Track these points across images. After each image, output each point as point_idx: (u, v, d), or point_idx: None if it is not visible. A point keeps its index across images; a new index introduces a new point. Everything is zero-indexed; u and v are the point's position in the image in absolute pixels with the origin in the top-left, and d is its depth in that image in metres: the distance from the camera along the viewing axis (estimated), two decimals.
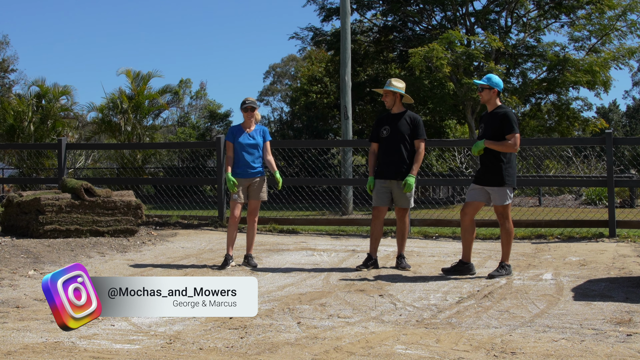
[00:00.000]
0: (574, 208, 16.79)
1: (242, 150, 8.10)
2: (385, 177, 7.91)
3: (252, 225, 8.27)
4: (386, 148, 7.95)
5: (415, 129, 7.93)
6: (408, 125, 7.92)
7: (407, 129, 7.91)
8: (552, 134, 26.51)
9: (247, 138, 8.13)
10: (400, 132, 7.89)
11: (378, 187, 7.95)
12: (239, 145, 8.10)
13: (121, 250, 9.45)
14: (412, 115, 8.00)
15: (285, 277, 7.45)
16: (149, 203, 16.41)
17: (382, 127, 8.02)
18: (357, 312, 5.70)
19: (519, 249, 9.40)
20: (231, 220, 8.12)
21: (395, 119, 7.99)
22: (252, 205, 8.24)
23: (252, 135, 8.16)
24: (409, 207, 7.98)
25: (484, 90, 7.39)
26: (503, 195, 7.23)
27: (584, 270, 7.58)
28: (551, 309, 5.69)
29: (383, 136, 7.98)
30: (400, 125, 7.92)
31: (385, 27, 27.56)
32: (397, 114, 8.02)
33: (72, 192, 10.49)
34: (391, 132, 7.93)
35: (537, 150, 20.44)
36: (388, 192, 7.93)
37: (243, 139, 8.11)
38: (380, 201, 7.95)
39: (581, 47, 24.67)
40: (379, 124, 8.11)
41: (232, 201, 8.12)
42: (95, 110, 28.62)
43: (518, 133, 7.24)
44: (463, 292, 6.49)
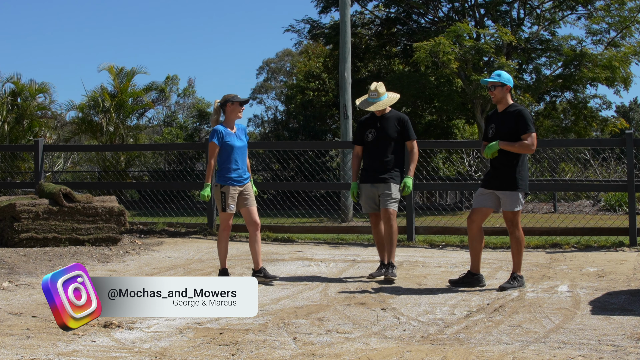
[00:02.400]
0: (592, 214, 16.80)
1: (235, 153, 7.79)
2: (370, 182, 7.97)
3: (257, 236, 7.90)
4: (372, 152, 8.01)
5: (405, 130, 8.03)
6: (396, 127, 7.99)
7: (395, 132, 7.98)
8: (568, 135, 26.54)
9: (237, 140, 7.84)
10: (388, 136, 7.98)
11: (366, 193, 8.02)
12: (230, 149, 7.76)
13: (103, 260, 9.45)
14: (399, 116, 8.06)
15: (280, 289, 7.45)
16: (133, 209, 16.42)
17: (367, 130, 8.08)
18: (358, 327, 5.71)
19: (533, 259, 9.42)
20: (225, 233, 7.81)
21: (381, 121, 8.05)
22: (252, 214, 7.89)
23: (239, 135, 7.89)
24: (394, 209, 7.91)
25: (496, 88, 7.37)
26: (514, 200, 7.23)
27: (602, 282, 7.59)
28: (567, 324, 5.70)
29: (368, 140, 8.04)
30: (387, 128, 7.99)
31: (387, 19, 27.60)
32: (382, 115, 8.09)
33: (50, 197, 10.49)
34: (377, 136, 7.99)
35: (551, 152, 20.46)
36: (375, 197, 8.00)
37: (233, 141, 7.79)
38: (371, 207, 8.06)
39: (599, 41, 24.72)
40: (363, 126, 8.16)
41: (226, 212, 7.75)
42: (74, 109, 28.58)
43: (534, 132, 7.25)
44: (472, 306, 6.49)
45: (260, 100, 53.35)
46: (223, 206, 7.75)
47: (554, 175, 21.15)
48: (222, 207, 7.76)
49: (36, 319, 5.98)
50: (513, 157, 7.24)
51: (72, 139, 29.01)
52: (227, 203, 7.73)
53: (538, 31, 24.89)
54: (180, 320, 5.93)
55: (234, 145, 7.77)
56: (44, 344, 5.15)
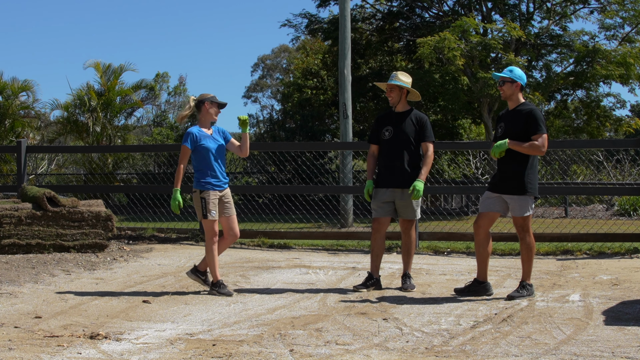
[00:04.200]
0: (605, 220, 16.81)
1: (212, 156, 7.69)
2: (387, 185, 7.90)
3: (222, 246, 7.93)
4: (388, 152, 7.93)
5: (422, 130, 7.91)
6: (414, 126, 7.90)
7: (413, 131, 7.89)
8: (580, 135, 26.58)
9: (213, 141, 7.73)
10: (405, 134, 7.88)
11: (378, 196, 7.94)
12: (206, 151, 7.65)
13: (89, 267, 9.45)
14: (418, 115, 7.99)
15: (276, 298, 7.46)
16: (121, 214, 16.42)
17: (384, 127, 8.01)
18: (358, 338, 5.71)
19: (543, 266, 9.42)
20: (214, 240, 7.70)
21: (399, 118, 7.97)
22: (233, 224, 7.86)
23: (215, 137, 7.78)
24: (415, 219, 7.99)
25: (505, 84, 7.37)
26: (524, 205, 7.23)
27: (616, 291, 7.60)
28: (579, 335, 5.70)
29: (385, 138, 7.96)
30: (405, 127, 7.90)
31: (390, 13, 27.65)
32: (401, 112, 8.01)
33: (33, 201, 10.49)
34: (394, 134, 7.91)
35: (563, 154, 20.48)
36: (390, 202, 7.93)
37: (209, 143, 7.69)
38: (381, 212, 7.94)
39: (613, 37, 24.77)
40: (380, 123, 8.09)
41: (209, 220, 7.63)
42: (59, 108, 28.63)
43: (546, 133, 7.24)
44: (479, 316, 6.50)
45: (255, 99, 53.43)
46: (204, 213, 7.61)
47: (565, 178, 21.16)
48: (204, 214, 7.62)
49: (19, 330, 5.97)
50: (522, 159, 7.23)
51: (56, 139, 29.04)
52: (209, 209, 7.60)
53: (548, 26, 24.93)
54: (170, 330, 5.93)
55: (210, 148, 7.68)
56: (27, 356, 5.14)
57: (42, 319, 6.39)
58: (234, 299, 7.38)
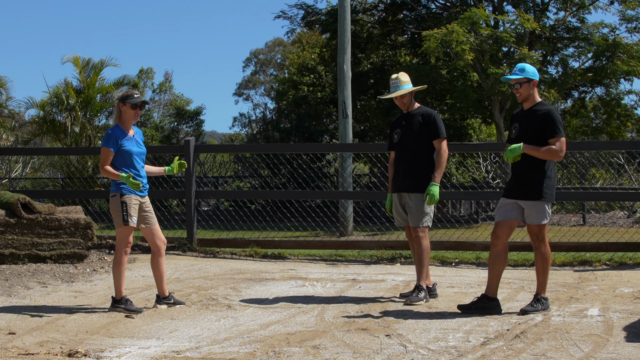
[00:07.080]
0: (626, 227, 16.83)
1: (134, 160, 7.61)
2: (397, 190, 8.12)
3: (162, 258, 7.85)
4: (397, 155, 8.16)
5: (431, 127, 8.01)
6: (421, 124, 8.00)
7: (420, 130, 7.99)
8: (599, 136, 26.61)
9: (136, 145, 7.65)
10: (412, 134, 8.01)
11: (394, 204, 8.20)
12: (128, 155, 7.54)
13: (67, 279, 9.45)
14: (426, 112, 8.08)
15: (270, 312, 7.46)
16: (102, 221, 16.39)
17: (394, 131, 8.25)
18: (359, 356, 5.72)
19: (559, 278, 9.43)
20: (126, 251, 7.57)
21: (408, 119, 8.16)
22: (157, 232, 7.78)
23: (137, 140, 7.71)
24: (420, 226, 7.99)
25: (522, 85, 7.31)
26: (540, 212, 7.23)
27: (638, 305, 7.61)
28: (598, 353, 5.71)
29: (395, 141, 8.18)
30: (412, 127, 8.04)
31: (393, 3, 27.66)
32: (410, 113, 8.18)
33: (7, 208, 10.49)
34: (401, 136, 8.09)
35: (580, 156, 20.52)
36: (403, 208, 8.13)
37: (131, 146, 7.60)
38: (402, 220, 8.22)
39: (635, 29, 24.77)
40: (392, 127, 8.35)
41: (128, 227, 7.49)
42: (35, 107, 28.57)
43: (564, 136, 7.21)
44: (489, 332, 6.51)
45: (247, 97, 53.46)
46: (125, 218, 7.46)
47: (583, 183, 21.19)
48: (124, 220, 7.47)
49: None
50: (539, 161, 7.21)
51: (32, 140, 28.98)
52: (129, 214, 7.48)
53: (565, 18, 24.95)
54: (155, 348, 5.93)
55: (132, 151, 7.60)
56: None
57: (16, 335, 6.39)
58: (224, 314, 7.38)
